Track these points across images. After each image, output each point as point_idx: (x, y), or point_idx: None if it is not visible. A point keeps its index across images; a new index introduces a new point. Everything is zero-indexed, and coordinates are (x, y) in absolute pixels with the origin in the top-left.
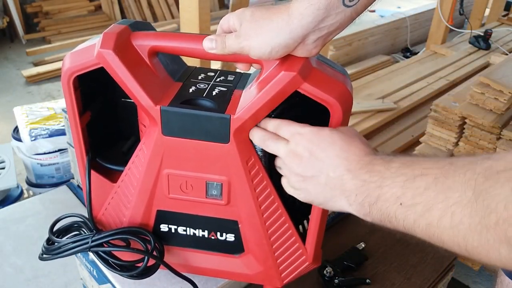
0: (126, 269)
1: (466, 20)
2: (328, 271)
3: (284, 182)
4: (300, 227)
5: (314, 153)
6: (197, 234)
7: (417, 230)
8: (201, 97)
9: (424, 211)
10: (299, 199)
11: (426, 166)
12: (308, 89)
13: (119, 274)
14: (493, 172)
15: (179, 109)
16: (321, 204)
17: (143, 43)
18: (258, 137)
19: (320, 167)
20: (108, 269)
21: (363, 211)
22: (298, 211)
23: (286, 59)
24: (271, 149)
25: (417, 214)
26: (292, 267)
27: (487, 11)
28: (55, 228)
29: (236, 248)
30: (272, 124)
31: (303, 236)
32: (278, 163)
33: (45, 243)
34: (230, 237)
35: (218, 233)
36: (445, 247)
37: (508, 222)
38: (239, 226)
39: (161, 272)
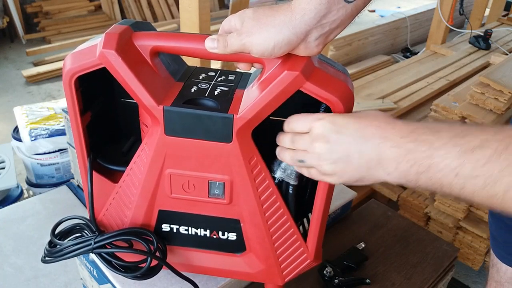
0: (130, 270)
1: (466, 20)
2: (328, 271)
3: (313, 172)
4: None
5: (341, 131)
6: (199, 234)
7: (476, 199)
8: (203, 97)
9: (487, 183)
10: (332, 183)
11: (484, 138)
12: (310, 88)
13: (122, 275)
14: None
15: (182, 109)
16: (356, 181)
17: (145, 43)
18: (287, 140)
19: (350, 144)
20: (112, 270)
21: (406, 178)
22: (299, 209)
23: (288, 58)
24: (299, 145)
25: (477, 186)
26: (294, 265)
27: (487, 11)
28: (57, 231)
29: (238, 247)
30: (288, 122)
31: (304, 234)
32: (299, 155)
33: (47, 246)
34: (232, 236)
35: (220, 232)
36: (503, 212)
37: None
38: (241, 225)
39: (162, 272)
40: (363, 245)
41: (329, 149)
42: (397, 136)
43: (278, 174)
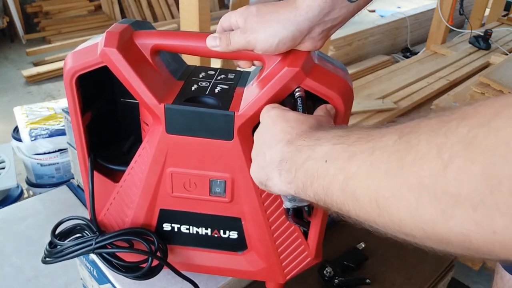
0: (131, 270)
1: (466, 20)
2: (328, 271)
3: None
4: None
5: (262, 135)
6: (200, 233)
7: (334, 187)
8: (204, 95)
9: (345, 162)
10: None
11: (365, 129)
12: (310, 84)
13: (124, 275)
14: (416, 123)
15: (183, 107)
16: (265, 186)
17: (146, 41)
18: None
19: (265, 145)
20: (113, 270)
21: (289, 179)
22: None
23: (288, 55)
24: None
25: (337, 167)
26: (295, 263)
27: (487, 11)
28: (57, 231)
29: (239, 245)
30: None
31: (305, 231)
32: None
33: (47, 247)
34: (233, 235)
35: (221, 231)
36: (356, 211)
37: (425, 159)
38: (242, 223)
39: (162, 272)
40: (363, 245)
41: (253, 149)
42: (296, 137)
43: (289, 205)
